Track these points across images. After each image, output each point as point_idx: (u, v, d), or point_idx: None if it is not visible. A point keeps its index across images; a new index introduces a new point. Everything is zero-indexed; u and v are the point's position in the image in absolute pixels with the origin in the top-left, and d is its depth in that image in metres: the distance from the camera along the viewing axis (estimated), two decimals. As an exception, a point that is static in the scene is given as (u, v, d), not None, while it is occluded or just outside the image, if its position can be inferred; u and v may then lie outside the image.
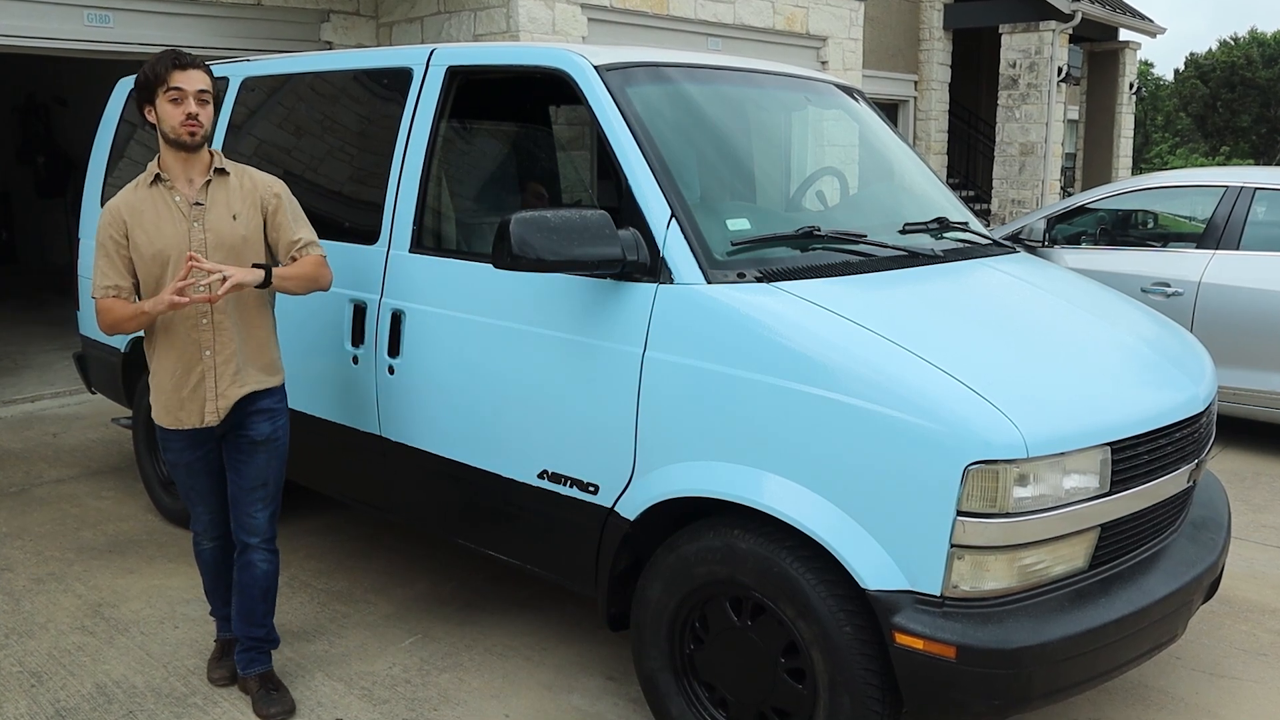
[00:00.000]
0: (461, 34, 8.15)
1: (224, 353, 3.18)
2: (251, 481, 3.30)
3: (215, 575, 3.51)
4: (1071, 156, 19.25)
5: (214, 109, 3.17)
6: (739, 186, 3.54)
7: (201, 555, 3.50)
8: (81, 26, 7.29)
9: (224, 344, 3.17)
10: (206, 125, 3.11)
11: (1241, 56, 39.54)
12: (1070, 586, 2.66)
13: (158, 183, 3.13)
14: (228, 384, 3.20)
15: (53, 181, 13.08)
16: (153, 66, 3.07)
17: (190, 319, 3.13)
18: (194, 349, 3.15)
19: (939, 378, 2.56)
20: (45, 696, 3.45)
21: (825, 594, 2.65)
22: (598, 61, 3.25)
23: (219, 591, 3.53)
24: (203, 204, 3.14)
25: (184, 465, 3.30)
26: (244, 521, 3.33)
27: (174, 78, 3.04)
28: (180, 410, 3.19)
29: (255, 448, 3.28)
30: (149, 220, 3.10)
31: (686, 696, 3.05)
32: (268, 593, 3.40)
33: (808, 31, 10.65)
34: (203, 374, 3.17)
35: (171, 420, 3.21)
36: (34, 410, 7.30)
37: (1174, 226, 7.33)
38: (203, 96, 3.08)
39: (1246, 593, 4.30)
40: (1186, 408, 2.93)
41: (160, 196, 3.12)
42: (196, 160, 3.14)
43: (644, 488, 2.98)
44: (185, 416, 3.20)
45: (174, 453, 3.28)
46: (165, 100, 3.05)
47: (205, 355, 3.16)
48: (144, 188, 3.14)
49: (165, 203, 3.11)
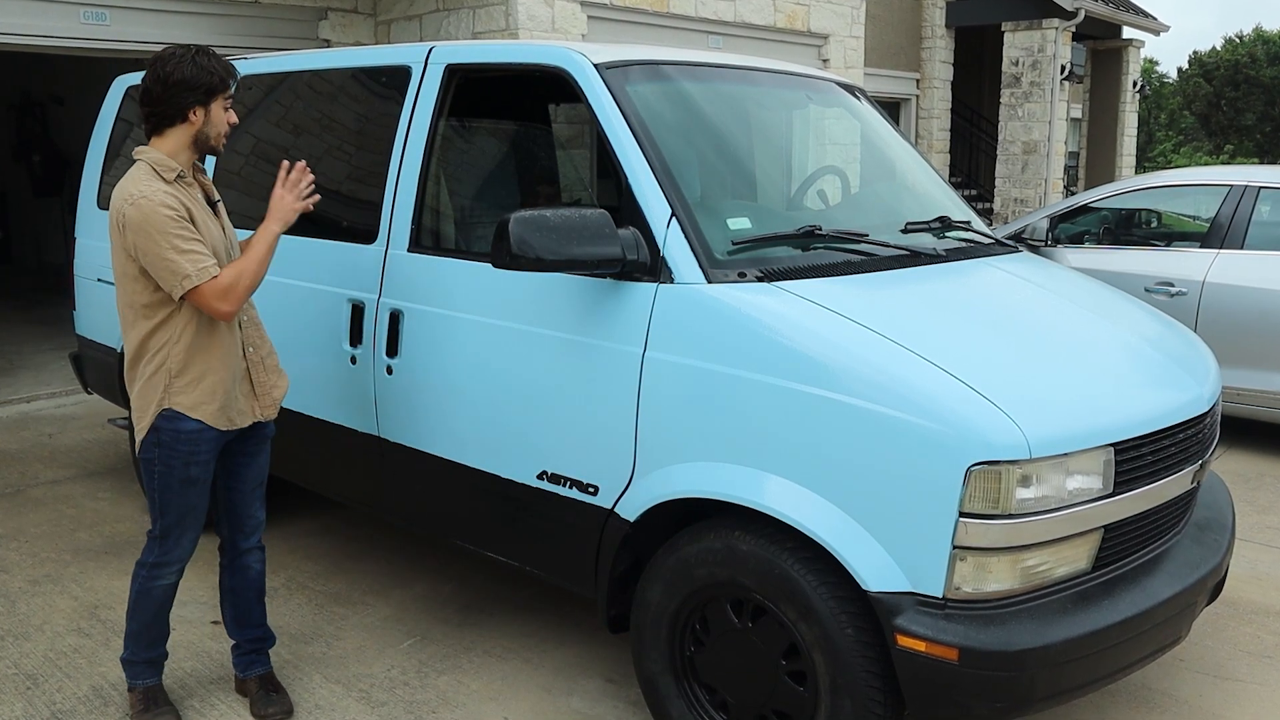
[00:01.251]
0: (460, 32, 8.14)
1: (263, 348, 3.20)
2: (253, 481, 3.27)
3: (164, 609, 3.21)
4: (1075, 155, 19.23)
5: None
6: (740, 185, 3.53)
7: (154, 591, 3.15)
8: (78, 24, 7.27)
9: (260, 340, 3.20)
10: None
11: (1246, 55, 39.51)
12: (1073, 588, 2.65)
13: (180, 180, 2.95)
14: (275, 378, 3.22)
15: (49, 180, 13.04)
16: (210, 67, 2.93)
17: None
18: (236, 347, 3.08)
19: (941, 378, 2.54)
20: (41, 699, 3.44)
21: (827, 596, 2.64)
22: (597, 59, 3.24)
23: (160, 625, 3.23)
24: (219, 201, 3.14)
25: (202, 483, 3.07)
26: (245, 524, 3.28)
27: (232, 87, 3.00)
28: (232, 409, 3.07)
29: (264, 444, 3.28)
30: (194, 214, 2.95)
31: (687, 699, 3.03)
32: (261, 592, 3.38)
33: (809, 29, 10.64)
34: (247, 370, 3.14)
35: (226, 421, 3.05)
36: (30, 410, 7.28)
37: (1178, 226, 7.31)
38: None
39: (1251, 595, 4.28)
40: (1190, 408, 2.91)
41: (185, 194, 2.96)
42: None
43: (644, 489, 2.96)
44: (237, 416, 3.09)
45: (199, 466, 3.04)
46: (220, 106, 2.97)
47: (249, 352, 3.15)
48: (165, 182, 2.91)
49: (194, 201, 2.98)
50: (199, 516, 3.13)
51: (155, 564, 3.13)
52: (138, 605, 3.17)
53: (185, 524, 3.10)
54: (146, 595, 3.16)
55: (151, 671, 3.29)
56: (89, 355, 5.32)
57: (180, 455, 3.01)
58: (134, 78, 5.11)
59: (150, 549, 3.14)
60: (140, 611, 3.18)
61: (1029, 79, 15.59)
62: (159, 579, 3.15)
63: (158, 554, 3.12)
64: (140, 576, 3.16)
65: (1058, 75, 15.38)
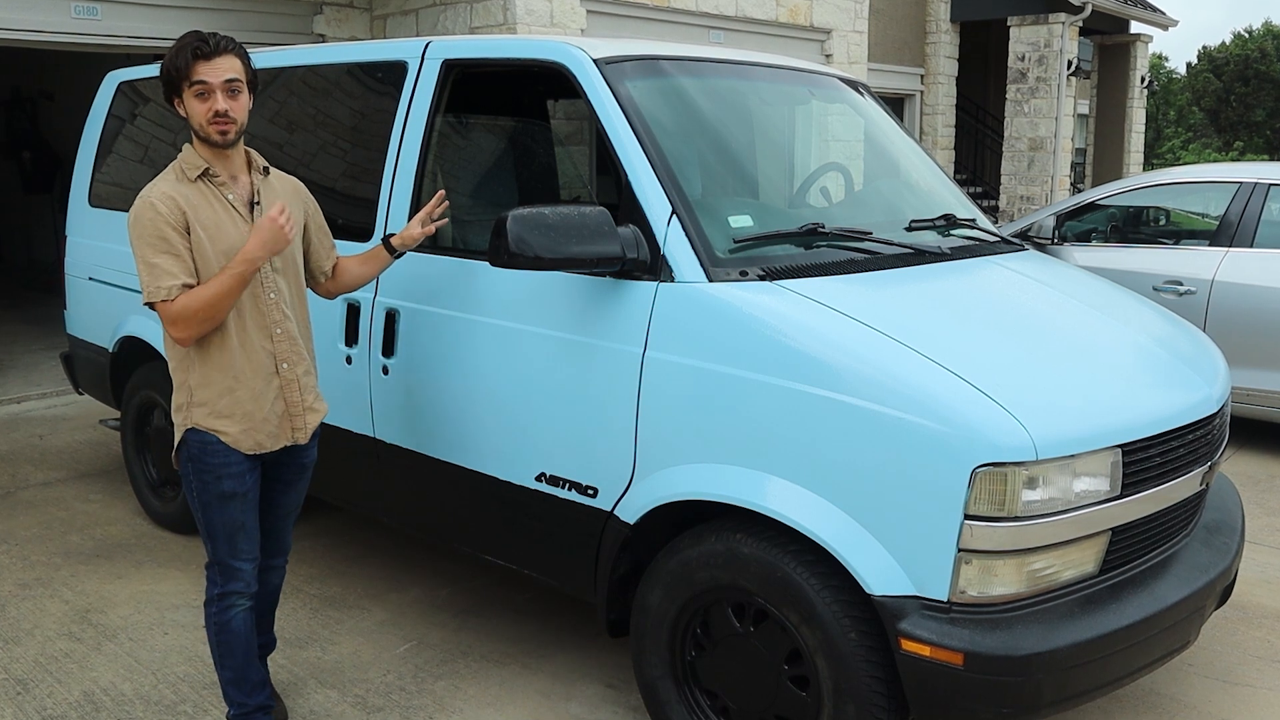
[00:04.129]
0: (457, 26, 8.11)
1: (300, 365, 2.95)
2: (290, 506, 3.14)
3: (249, 644, 2.98)
4: (1081, 152, 19.18)
5: (251, 91, 2.83)
6: (741, 182, 3.50)
7: (234, 623, 2.93)
8: (68, 18, 7.23)
9: (298, 357, 2.94)
10: (241, 117, 2.78)
11: (1256, 49, 39.46)
12: (1080, 592, 2.63)
13: (205, 178, 2.81)
14: (312, 399, 2.99)
15: (39, 177, 12.98)
16: (173, 58, 2.72)
17: (264, 329, 2.85)
18: (269, 362, 2.87)
19: (946, 378, 2.52)
20: (32, 705, 3.40)
21: (830, 599, 2.61)
22: (596, 54, 3.21)
23: (253, 664, 2.99)
24: (260, 204, 2.88)
25: (240, 497, 2.86)
26: (275, 545, 3.17)
27: (197, 70, 2.69)
28: (260, 432, 2.86)
29: (304, 472, 3.11)
30: (206, 217, 2.76)
31: (688, 704, 3.01)
32: (274, 604, 3.33)
33: (811, 24, 10.60)
34: (280, 390, 2.89)
35: (252, 444, 2.85)
36: (20, 411, 7.23)
37: (1186, 224, 7.26)
38: (232, 86, 2.74)
39: (1260, 598, 4.25)
40: (1199, 409, 2.89)
41: (212, 194, 2.80)
42: (236, 155, 2.86)
43: (644, 491, 2.93)
44: (266, 439, 2.87)
45: (232, 480, 2.84)
46: (190, 95, 2.72)
47: (283, 369, 2.89)
48: (187, 182, 2.78)
49: (219, 200, 2.80)
50: (251, 535, 2.92)
51: (220, 595, 2.94)
52: (221, 648, 2.96)
53: (236, 544, 2.90)
54: (225, 631, 2.94)
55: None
56: (80, 355, 5.29)
57: (211, 469, 2.84)
58: (125, 73, 5.07)
59: (212, 581, 2.95)
60: (226, 654, 2.97)
61: (1035, 74, 15.53)
62: (231, 609, 2.95)
63: (220, 584, 2.93)
64: (212, 615, 2.95)
65: (1064, 71, 15.32)
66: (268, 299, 2.86)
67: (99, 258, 4.95)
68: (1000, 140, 16.78)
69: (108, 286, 4.88)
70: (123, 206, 4.83)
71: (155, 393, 4.65)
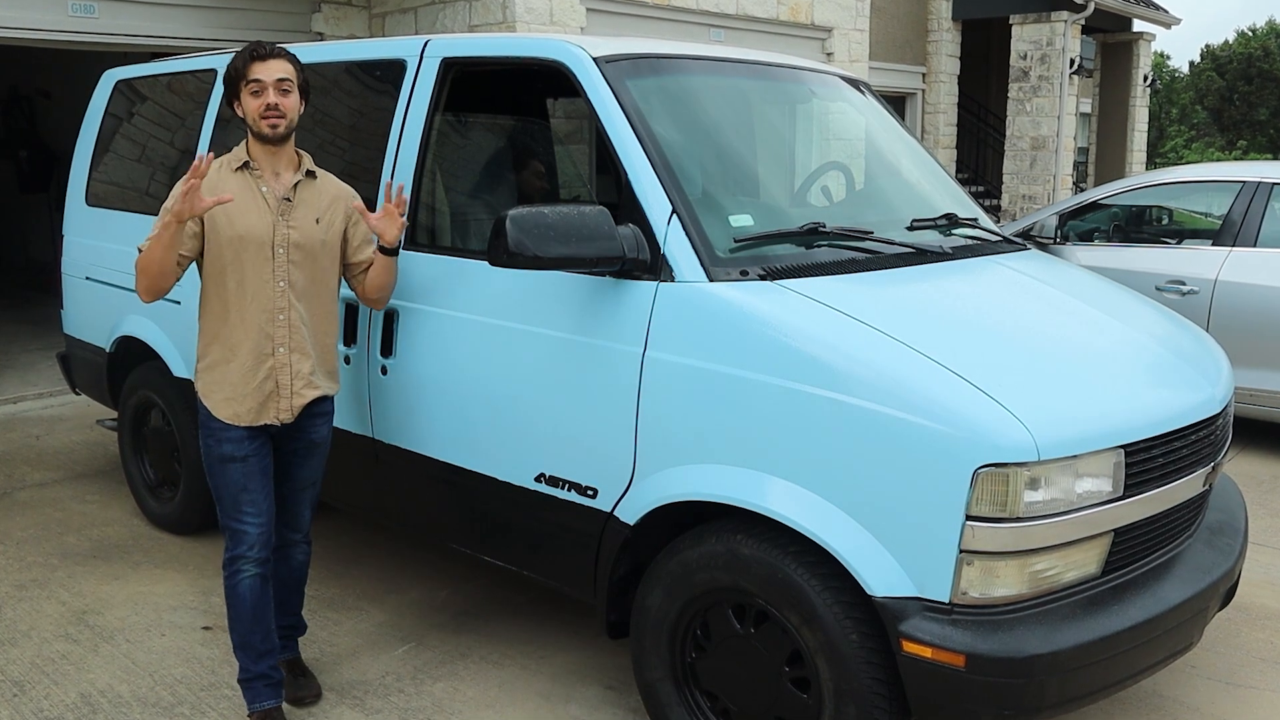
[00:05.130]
0: (456, 25, 8.10)
1: (297, 351, 3.11)
2: (304, 481, 3.29)
3: (256, 611, 3.14)
4: (1084, 151, 19.17)
5: (302, 96, 3.13)
6: (742, 182, 3.49)
7: (239, 587, 3.11)
8: (66, 17, 7.20)
9: (297, 343, 3.11)
10: (291, 114, 3.07)
11: (1259, 48, 39.40)
12: (1083, 593, 2.62)
13: (245, 169, 3.08)
14: (303, 384, 3.13)
15: (36, 176, 12.92)
16: (233, 63, 3.08)
17: (267, 312, 3.05)
18: (266, 343, 3.06)
19: (947, 378, 2.51)
20: (28, 706, 3.39)
21: (831, 601, 2.60)
22: (596, 53, 3.20)
23: (260, 632, 3.15)
24: (291, 201, 3.10)
25: (239, 461, 3.07)
26: (291, 520, 3.32)
27: (253, 70, 3.03)
28: (240, 405, 3.06)
29: (314, 449, 3.27)
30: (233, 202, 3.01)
31: (688, 706, 3.00)
32: (302, 582, 3.43)
33: (812, 22, 10.58)
34: (272, 370, 3.08)
35: (229, 414, 3.06)
36: (16, 411, 7.21)
37: (1189, 223, 7.25)
38: (283, 85, 3.04)
39: (1264, 600, 4.23)
40: (1202, 409, 2.88)
41: (247, 183, 3.07)
42: (283, 154, 3.11)
43: (644, 491, 2.92)
44: (245, 413, 3.06)
45: (231, 444, 3.06)
46: (246, 94, 3.04)
47: (279, 352, 3.08)
48: (229, 170, 3.09)
49: (252, 190, 3.06)
50: (256, 502, 3.09)
51: (230, 559, 3.12)
52: (230, 610, 3.15)
53: (240, 507, 3.08)
54: (233, 595, 3.13)
55: (271, 693, 3.19)
56: (77, 355, 5.27)
57: (212, 432, 3.10)
58: (122, 71, 5.05)
59: (226, 547, 3.14)
60: (234, 618, 3.15)
61: (1037, 73, 15.51)
62: (238, 575, 3.11)
63: (230, 548, 3.12)
64: (225, 578, 3.15)
65: (1067, 69, 15.30)
66: (277, 285, 3.06)
67: (96, 257, 4.93)
68: (1002, 139, 16.76)
69: (105, 286, 4.87)
70: (120, 206, 4.82)
71: (152, 393, 4.64)
